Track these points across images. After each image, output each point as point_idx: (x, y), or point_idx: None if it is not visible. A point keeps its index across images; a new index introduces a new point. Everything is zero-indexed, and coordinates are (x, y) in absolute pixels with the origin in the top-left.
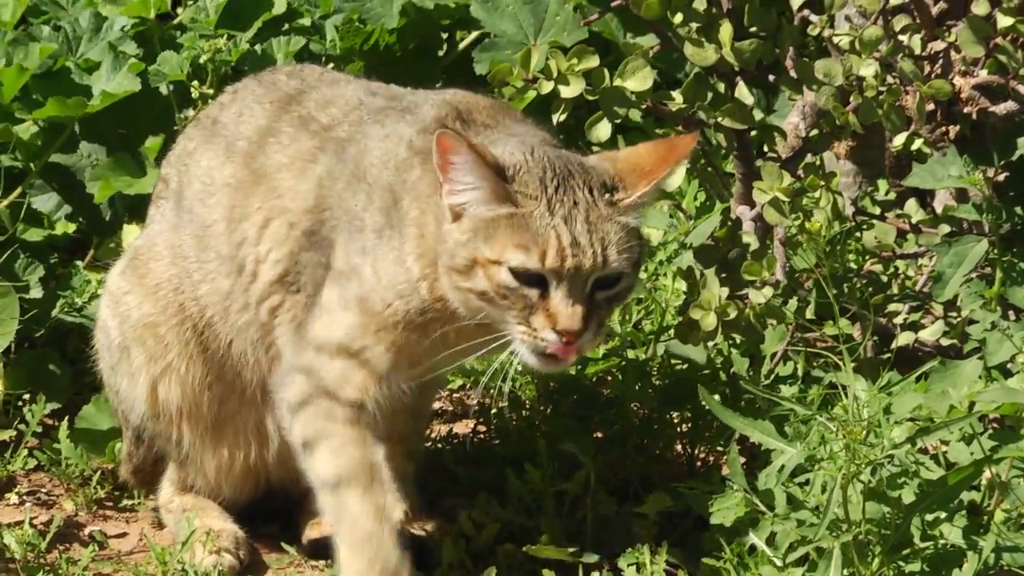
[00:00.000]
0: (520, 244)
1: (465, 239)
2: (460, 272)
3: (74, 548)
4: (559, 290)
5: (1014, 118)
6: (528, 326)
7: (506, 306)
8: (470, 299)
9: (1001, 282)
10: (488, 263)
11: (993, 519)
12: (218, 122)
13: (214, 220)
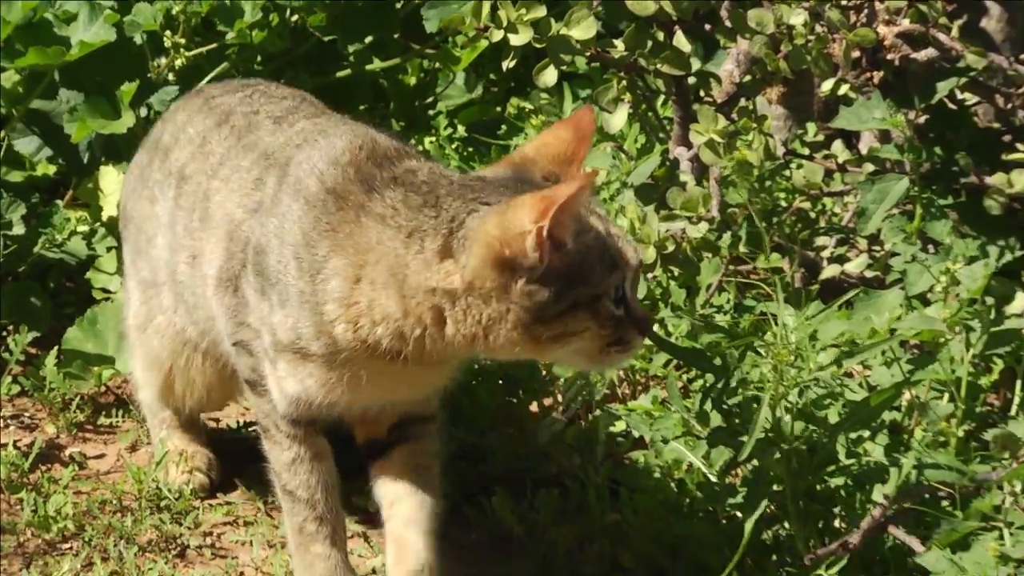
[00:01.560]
0: (611, 265)
1: (561, 288)
2: (551, 322)
3: (55, 468)
4: (631, 293)
5: (934, 64)
6: (620, 343)
7: (599, 335)
8: (551, 348)
9: (921, 217)
10: (592, 299)
11: (913, 437)
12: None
13: None
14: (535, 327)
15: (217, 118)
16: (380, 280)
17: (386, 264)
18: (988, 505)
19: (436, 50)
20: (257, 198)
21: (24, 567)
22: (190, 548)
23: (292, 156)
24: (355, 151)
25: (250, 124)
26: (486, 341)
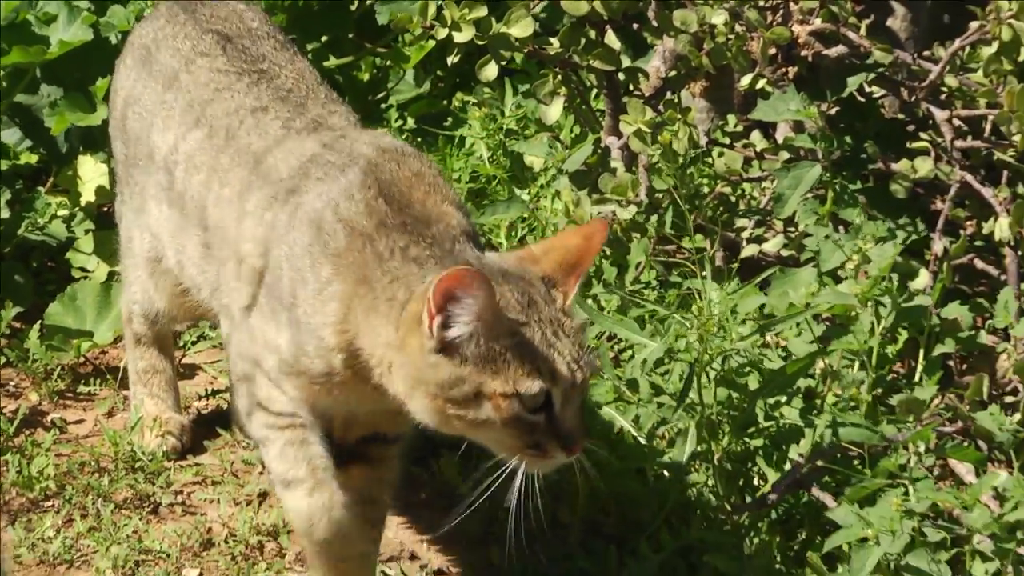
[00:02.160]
0: (531, 372)
1: (466, 372)
2: (458, 402)
3: (38, 432)
4: (566, 410)
5: (844, 60)
6: (538, 449)
7: (511, 434)
8: (462, 427)
9: (832, 201)
10: (498, 395)
11: (825, 402)
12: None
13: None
14: (445, 404)
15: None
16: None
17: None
18: (894, 464)
19: (387, 48)
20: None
21: (9, 523)
22: (162, 506)
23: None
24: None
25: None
26: (410, 403)
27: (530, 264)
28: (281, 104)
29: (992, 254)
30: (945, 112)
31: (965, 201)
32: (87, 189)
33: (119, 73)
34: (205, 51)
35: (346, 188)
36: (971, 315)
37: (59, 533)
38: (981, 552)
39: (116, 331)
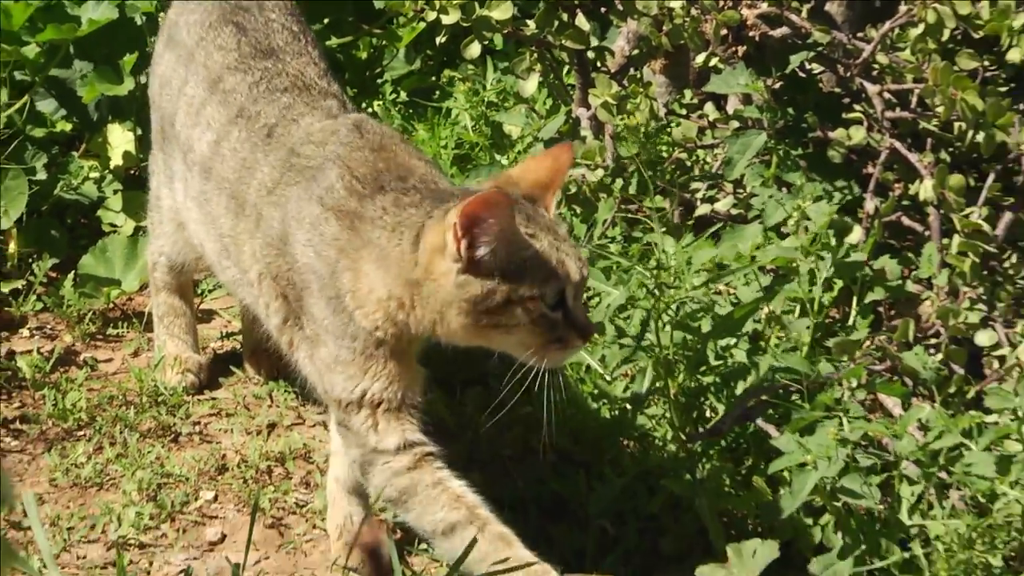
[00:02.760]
0: (550, 274)
1: (495, 284)
2: (491, 311)
3: (71, 371)
4: (576, 304)
5: (787, 40)
6: (560, 342)
7: (537, 332)
8: (495, 335)
9: (776, 165)
10: (526, 299)
11: (769, 343)
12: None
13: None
14: (477, 315)
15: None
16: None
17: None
18: (830, 398)
19: (383, 30)
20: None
21: (46, 450)
22: (182, 435)
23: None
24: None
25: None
26: (442, 326)
27: (512, 186)
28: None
29: (917, 213)
30: (876, 86)
31: (894, 165)
32: (116, 154)
33: (157, 52)
34: (223, 45)
35: (327, 189)
36: (899, 267)
37: (90, 459)
38: (907, 476)
39: (142, 280)
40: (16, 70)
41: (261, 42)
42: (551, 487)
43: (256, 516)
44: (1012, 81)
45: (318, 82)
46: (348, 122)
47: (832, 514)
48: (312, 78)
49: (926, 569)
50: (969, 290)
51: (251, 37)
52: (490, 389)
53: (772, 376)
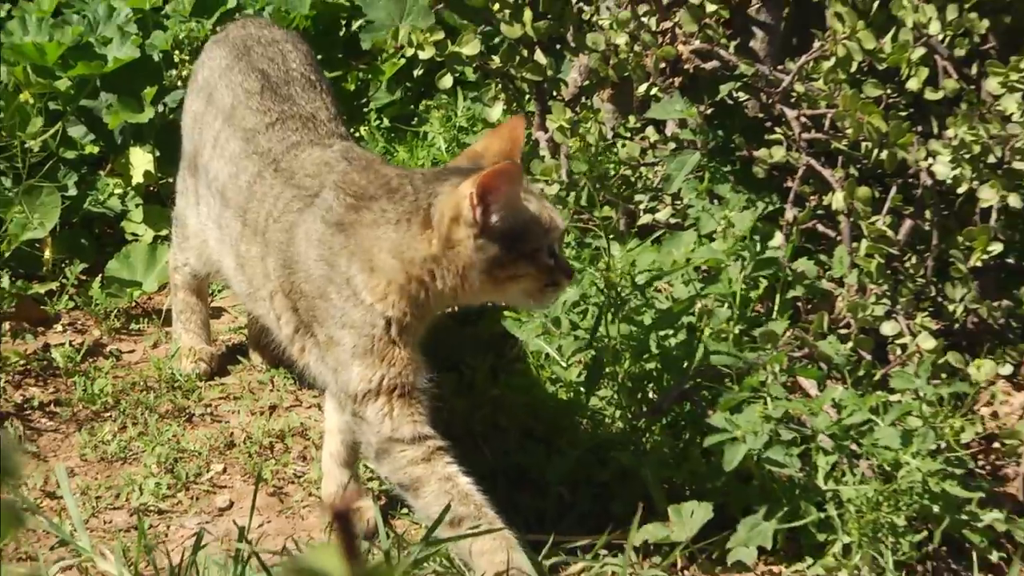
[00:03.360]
0: (545, 228)
1: (509, 244)
2: (504, 267)
3: (99, 360)
4: (559, 249)
5: (717, 72)
6: (554, 285)
7: (540, 280)
8: (510, 288)
9: (708, 180)
10: (533, 252)
11: (703, 334)
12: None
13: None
14: (494, 271)
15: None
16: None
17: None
18: (755, 381)
19: (368, 65)
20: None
21: (77, 430)
22: (195, 416)
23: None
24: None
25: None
26: (464, 288)
27: (480, 159)
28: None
29: (830, 221)
30: (794, 111)
31: (810, 180)
32: (137, 173)
33: (190, 91)
34: (248, 89)
35: (327, 209)
36: (814, 267)
37: (115, 437)
38: (823, 448)
39: (160, 281)
40: (50, 100)
41: (281, 88)
42: (515, 459)
43: (259, 485)
44: (911, 106)
45: (327, 124)
46: (337, 151)
47: (758, 481)
48: (322, 120)
49: (839, 528)
50: (875, 287)
51: (273, 83)
52: (463, 375)
53: (706, 362)
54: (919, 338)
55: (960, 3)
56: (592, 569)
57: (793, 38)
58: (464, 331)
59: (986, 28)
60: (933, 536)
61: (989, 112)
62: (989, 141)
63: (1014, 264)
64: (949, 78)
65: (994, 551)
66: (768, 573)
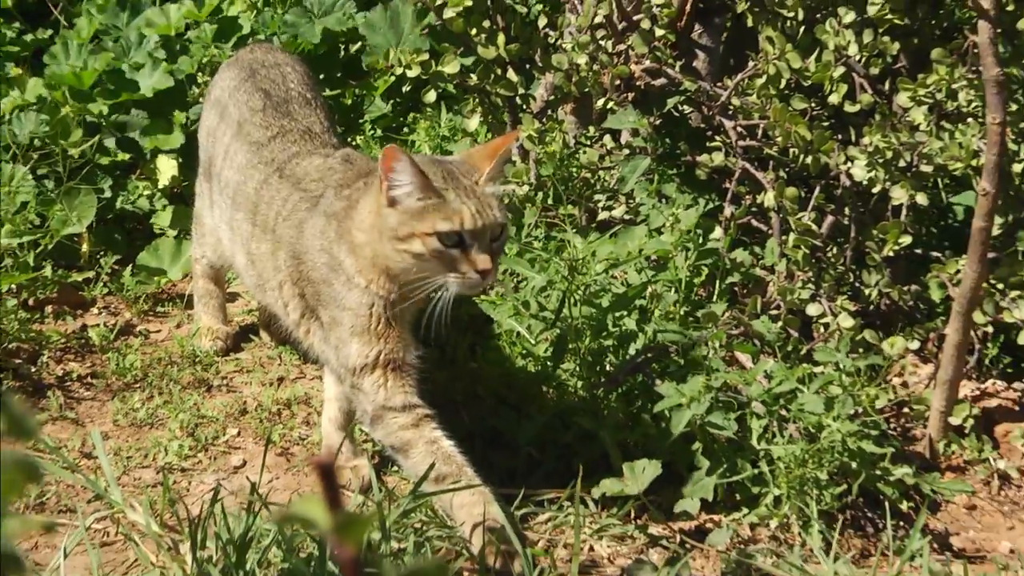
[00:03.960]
0: (445, 218)
1: (405, 219)
2: (400, 239)
3: (130, 338)
4: (478, 247)
5: (665, 88)
6: (459, 272)
7: (437, 262)
8: (407, 258)
9: (657, 181)
10: (423, 234)
11: (653, 315)
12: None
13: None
14: (394, 243)
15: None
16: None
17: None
18: (698, 355)
19: (363, 82)
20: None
21: (110, 399)
22: (213, 387)
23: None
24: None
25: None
26: (379, 256)
27: (465, 156)
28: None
29: (763, 217)
30: (732, 122)
31: (745, 181)
32: (163, 177)
33: (205, 108)
34: (253, 107)
35: (328, 204)
36: (749, 257)
37: (143, 405)
38: (756, 413)
39: (184, 271)
40: (87, 115)
41: (281, 105)
42: (491, 423)
43: (269, 447)
44: (832, 118)
45: (321, 135)
46: (339, 157)
47: (701, 441)
48: (317, 132)
49: (771, 482)
50: (801, 274)
51: (274, 101)
52: (445, 351)
53: (656, 339)
54: (839, 318)
55: (875, 28)
56: (557, 519)
57: (730, 59)
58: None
59: (897, 50)
60: (851, 488)
61: (899, 123)
62: (900, 148)
63: (921, 254)
64: (865, 93)
65: (904, 501)
66: (710, 521)
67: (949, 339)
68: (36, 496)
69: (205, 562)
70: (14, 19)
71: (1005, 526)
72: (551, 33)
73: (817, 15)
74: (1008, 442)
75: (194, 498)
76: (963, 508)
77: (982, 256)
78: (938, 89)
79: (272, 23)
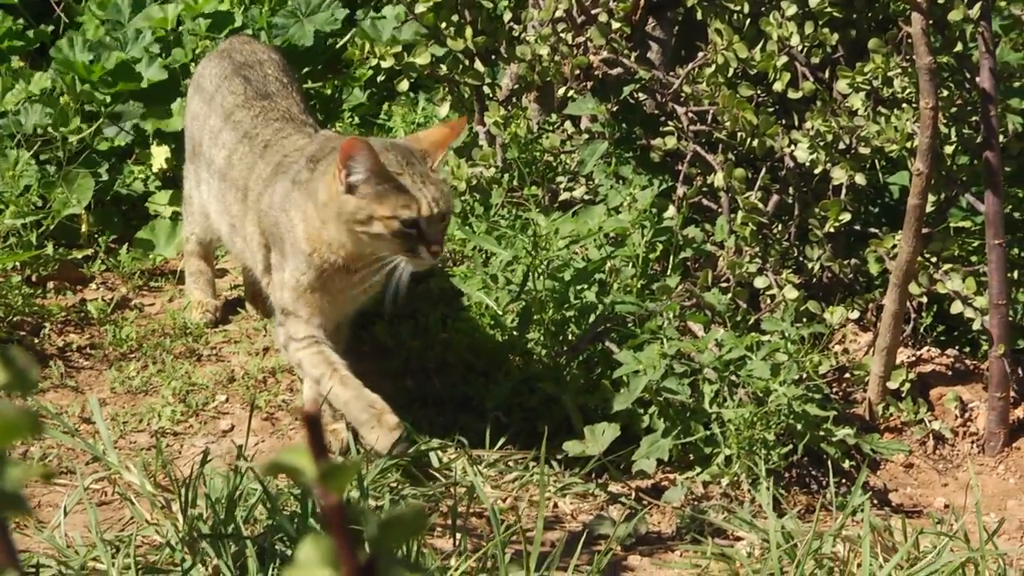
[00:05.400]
0: (404, 204)
1: (364, 203)
2: (361, 223)
3: (126, 312)
4: (431, 228)
5: (621, 77)
6: (413, 252)
7: (396, 242)
8: (364, 239)
9: (615, 164)
10: (384, 218)
11: (612, 287)
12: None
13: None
14: (352, 225)
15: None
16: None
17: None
18: (655, 325)
19: (343, 74)
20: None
21: (108, 368)
22: (203, 356)
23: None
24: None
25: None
26: (334, 234)
27: (414, 143)
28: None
29: (713, 196)
30: (683, 108)
31: (696, 163)
32: (157, 162)
33: (188, 95)
34: (234, 91)
35: (297, 172)
36: (701, 234)
37: (139, 374)
38: (708, 378)
39: (176, 249)
40: (86, 104)
41: (260, 89)
42: (461, 389)
43: (255, 412)
44: (776, 104)
45: (299, 116)
46: (320, 138)
47: (656, 406)
48: (295, 113)
49: (722, 443)
50: (749, 249)
51: (254, 86)
52: (418, 321)
53: (614, 310)
54: (784, 290)
55: (815, 20)
56: (523, 478)
57: (682, 50)
58: (418, 287)
59: (836, 40)
60: (797, 448)
61: (839, 108)
62: (839, 131)
63: (860, 230)
64: (807, 81)
65: (846, 460)
66: (665, 479)
67: (887, 309)
68: (39, 458)
69: (195, 519)
70: (19, 15)
71: (940, 483)
72: (516, 27)
73: (762, 8)
74: (942, 405)
75: (185, 460)
76: (901, 466)
77: (916, 232)
78: (875, 77)
79: (260, 18)
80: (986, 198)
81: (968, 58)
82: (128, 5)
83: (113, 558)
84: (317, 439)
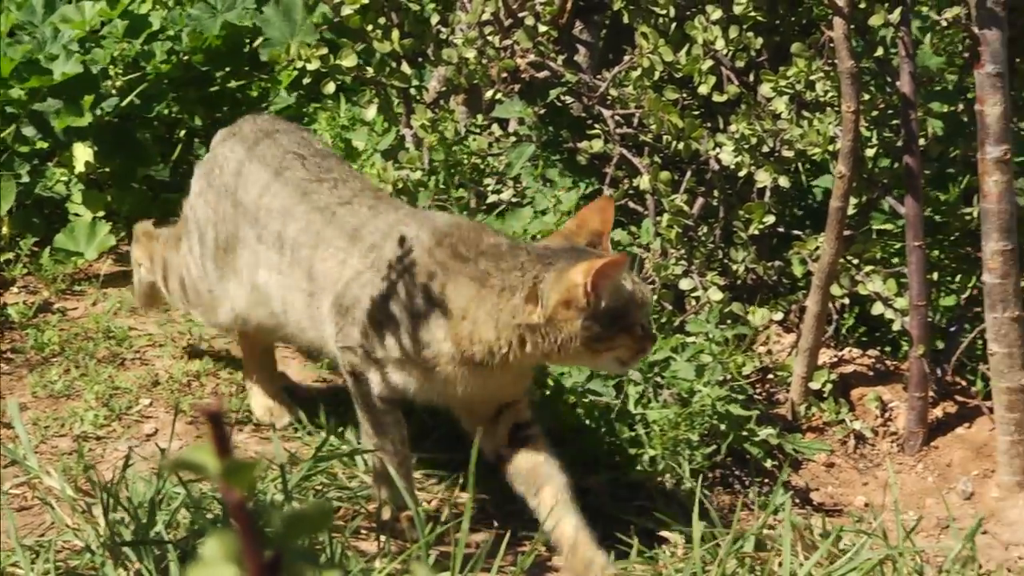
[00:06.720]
0: (638, 303)
1: (611, 321)
2: (603, 341)
3: (48, 316)
4: (646, 320)
5: (548, 80)
6: (642, 351)
7: (633, 348)
8: (603, 355)
9: (541, 167)
10: (630, 326)
11: None
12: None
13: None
14: (593, 344)
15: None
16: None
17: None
18: None
19: (268, 74)
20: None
21: (29, 372)
22: (127, 360)
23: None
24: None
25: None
26: (559, 354)
27: (575, 237)
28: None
29: (639, 199)
30: (610, 111)
31: (622, 166)
32: (78, 164)
33: (208, 194)
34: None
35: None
36: (627, 236)
37: (60, 378)
38: (634, 380)
39: (99, 250)
40: (7, 105)
41: (320, 163)
42: None
43: (178, 416)
44: (702, 107)
45: (372, 187)
46: (446, 222)
47: (583, 408)
48: (368, 183)
49: (647, 443)
50: (674, 251)
51: (308, 161)
52: None
53: None
54: (709, 291)
55: (740, 24)
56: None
57: (609, 53)
58: None
59: (760, 44)
60: (720, 449)
61: (763, 111)
62: (763, 134)
63: (783, 232)
64: (731, 84)
65: (768, 460)
66: (592, 479)
67: (809, 310)
68: None
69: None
70: None
71: (860, 482)
72: (443, 29)
73: (687, 12)
74: (863, 405)
75: (108, 464)
76: (822, 466)
77: (839, 234)
78: (798, 80)
79: (180, 20)
80: (906, 201)
81: (889, 62)
82: (42, 5)
83: (33, 563)
84: (221, 437)
